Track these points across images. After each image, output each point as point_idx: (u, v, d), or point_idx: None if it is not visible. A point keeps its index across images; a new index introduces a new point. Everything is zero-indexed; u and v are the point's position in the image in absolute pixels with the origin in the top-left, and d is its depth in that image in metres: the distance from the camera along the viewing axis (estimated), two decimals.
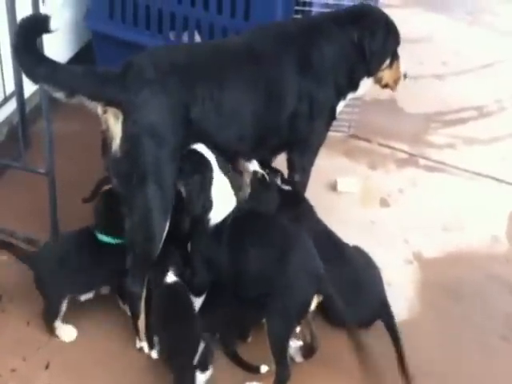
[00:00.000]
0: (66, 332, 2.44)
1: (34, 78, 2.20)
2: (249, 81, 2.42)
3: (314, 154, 2.75)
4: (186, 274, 2.39)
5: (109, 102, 2.21)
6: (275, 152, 2.75)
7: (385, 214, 3.22)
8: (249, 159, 2.62)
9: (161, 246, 2.34)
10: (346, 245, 2.71)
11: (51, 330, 2.42)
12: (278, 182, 2.75)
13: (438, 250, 3.04)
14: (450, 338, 2.66)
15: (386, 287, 2.67)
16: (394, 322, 2.56)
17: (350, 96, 2.71)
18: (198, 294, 2.42)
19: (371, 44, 2.56)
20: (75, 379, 2.33)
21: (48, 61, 2.19)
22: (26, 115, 3.15)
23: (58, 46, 3.44)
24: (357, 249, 2.72)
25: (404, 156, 3.60)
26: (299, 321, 2.30)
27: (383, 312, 2.60)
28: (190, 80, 2.29)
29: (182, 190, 2.34)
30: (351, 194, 3.29)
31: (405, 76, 2.77)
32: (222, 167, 2.40)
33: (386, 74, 2.72)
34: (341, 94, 2.65)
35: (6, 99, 3.06)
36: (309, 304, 2.26)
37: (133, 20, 3.37)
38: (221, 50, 2.48)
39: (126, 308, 2.46)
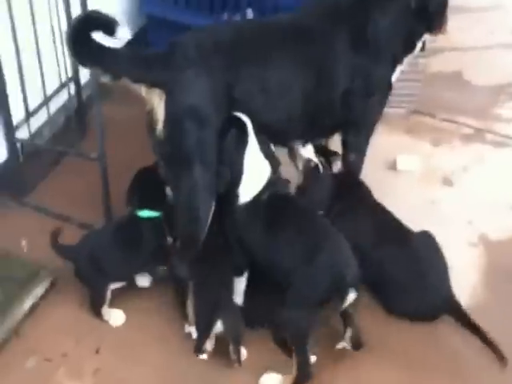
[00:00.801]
0: (115, 316, 2.44)
1: (82, 61, 2.22)
2: (297, 58, 2.33)
3: (371, 132, 2.64)
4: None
5: (153, 83, 2.19)
6: (328, 133, 2.66)
7: (447, 194, 3.05)
8: (303, 143, 2.54)
9: (206, 228, 2.30)
10: (410, 231, 2.57)
11: (99, 316, 2.43)
12: (338, 165, 2.67)
13: (505, 231, 2.87)
14: None
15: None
16: (468, 318, 2.44)
17: (408, 59, 2.58)
18: (237, 273, 2.37)
19: (434, 3, 2.44)
20: (125, 363, 2.33)
21: (95, 44, 2.16)
22: (82, 101, 3.18)
23: None
24: (425, 235, 2.57)
25: (470, 131, 3.41)
26: (315, 314, 2.21)
27: (451, 308, 2.48)
28: (234, 59, 2.23)
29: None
30: (412, 173, 3.15)
31: None
32: (263, 147, 2.33)
33: None
34: (398, 62, 2.54)
35: (63, 85, 3.08)
36: (324, 301, 2.17)
37: (184, 1, 3.35)
38: (268, 28, 2.40)
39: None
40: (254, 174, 2.31)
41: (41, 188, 2.96)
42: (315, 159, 2.54)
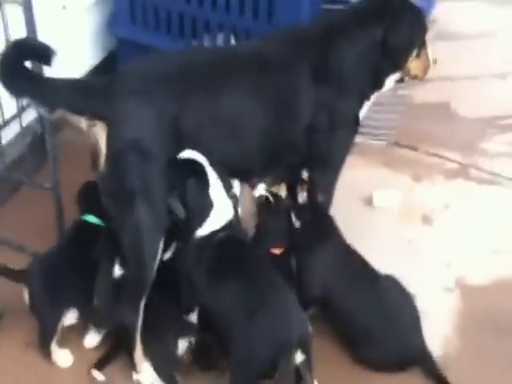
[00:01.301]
0: (62, 357, 2.30)
1: (13, 92, 2.04)
2: (253, 90, 2.19)
3: (338, 170, 2.48)
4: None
5: (93, 116, 2.05)
6: (293, 170, 2.52)
7: (426, 233, 2.88)
8: (261, 178, 2.43)
9: (154, 271, 2.14)
10: (377, 275, 2.41)
11: (47, 354, 2.28)
12: (303, 196, 2.54)
13: (484, 276, 2.69)
14: (492, 380, 2.33)
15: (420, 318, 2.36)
16: (438, 373, 2.28)
17: (375, 95, 2.44)
18: (186, 311, 2.24)
19: (395, 37, 2.29)
20: None
21: (28, 74, 2.04)
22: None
23: (83, 53, 3.35)
24: (390, 279, 2.41)
25: (453, 166, 3.24)
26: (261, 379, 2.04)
27: (421, 360, 2.31)
28: (181, 89, 2.09)
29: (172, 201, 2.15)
30: (389, 210, 2.97)
31: (434, 62, 2.46)
32: (225, 184, 2.23)
33: (414, 65, 2.42)
34: (365, 98, 2.40)
35: (23, 110, 2.94)
36: (267, 369, 1.98)
37: (154, 25, 3.25)
38: (224, 56, 2.27)
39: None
40: (215, 210, 2.19)
41: None
42: (264, 193, 2.43)
